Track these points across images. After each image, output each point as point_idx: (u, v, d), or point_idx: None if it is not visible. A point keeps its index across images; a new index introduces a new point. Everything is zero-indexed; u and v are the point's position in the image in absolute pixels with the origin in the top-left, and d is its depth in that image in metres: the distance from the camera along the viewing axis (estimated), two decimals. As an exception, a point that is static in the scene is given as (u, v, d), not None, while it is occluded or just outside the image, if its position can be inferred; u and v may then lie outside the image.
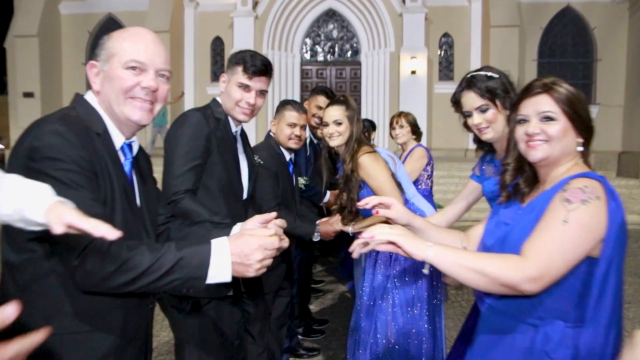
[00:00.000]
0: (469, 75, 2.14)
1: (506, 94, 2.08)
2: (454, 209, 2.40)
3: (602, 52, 14.75)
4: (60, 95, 15.94)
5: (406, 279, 2.66)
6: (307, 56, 16.23)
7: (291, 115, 3.05)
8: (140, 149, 1.61)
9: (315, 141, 4.32)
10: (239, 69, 2.22)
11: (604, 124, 14.84)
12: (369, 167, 2.68)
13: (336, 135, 2.76)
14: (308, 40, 16.16)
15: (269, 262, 1.37)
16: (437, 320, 2.71)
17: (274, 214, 1.61)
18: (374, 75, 15.43)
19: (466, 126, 2.23)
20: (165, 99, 1.54)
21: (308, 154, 3.99)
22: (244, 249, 1.33)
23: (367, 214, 2.77)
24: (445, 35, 15.45)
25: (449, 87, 15.30)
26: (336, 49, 16.17)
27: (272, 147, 3.04)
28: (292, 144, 3.05)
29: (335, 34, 16.07)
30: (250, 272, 1.35)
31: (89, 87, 1.51)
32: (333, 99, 2.91)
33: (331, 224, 2.90)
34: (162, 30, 15.08)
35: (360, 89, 15.68)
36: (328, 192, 3.88)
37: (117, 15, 16.07)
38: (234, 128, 2.31)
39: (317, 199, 3.86)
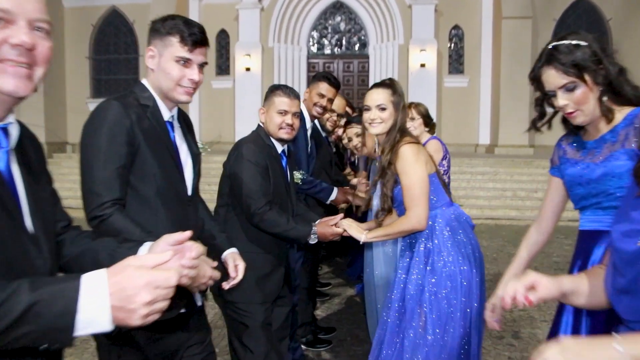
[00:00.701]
0: (550, 46, 1.75)
1: (598, 66, 1.68)
2: (546, 218, 2.06)
3: (617, 45, 14.32)
4: (63, 89, 15.70)
5: (443, 292, 2.32)
6: (314, 49, 15.95)
7: (281, 101, 2.70)
8: (26, 133, 1.23)
9: (323, 134, 4.02)
10: (174, 40, 1.85)
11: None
12: (408, 160, 2.36)
13: (378, 122, 2.45)
14: (315, 33, 15.87)
15: (161, 305, 0.99)
16: (474, 343, 2.37)
17: (187, 233, 1.29)
18: (382, 68, 15.11)
19: (541, 104, 1.85)
20: (49, 60, 1.14)
21: (310, 147, 3.69)
22: (125, 287, 0.94)
23: (402, 213, 2.47)
24: (456, 27, 15.14)
25: (459, 81, 15.06)
26: (344, 42, 15.87)
27: (261, 139, 2.72)
28: (284, 134, 2.69)
29: (342, 26, 15.77)
30: (135, 320, 0.96)
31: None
32: (377, 83, 2.59)
33: (330, 225, 2.60)
34: (166, 23, 14.85)
35: (368, 82, 15.32)
36: (335, 189, 3.57)
37: (121, 8, 15.81)
38: (167, 113, 1.92)
39: (322, 196, 3.55)
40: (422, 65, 14.31)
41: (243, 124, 13.54)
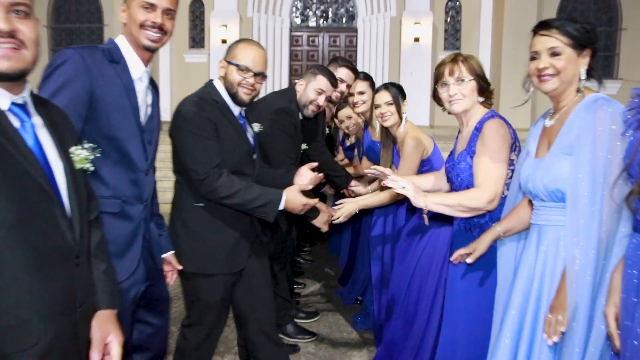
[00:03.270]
0: None
1: None
2: None
3: (628, 21, 13.44)
4: (19, 61, 14.28)
5: None
6: (298, 21, 14.79)
7: None
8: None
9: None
10: None
11: (626, 101, 13.55)
12: None
13: None
14: (298, 3, 14.70)
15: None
16: None
17: None
18: (372, 43, 14.09)
19: None
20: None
21: (151, 111, 2.21)
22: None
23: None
24: (452, -1, 14.05)
25: (457, 58, 13.90)
26: (330, 14, 14.74)
27: None
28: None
29: (329, -4, 14.62)
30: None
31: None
32: None
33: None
34: (133, -12, 13.47)
35: (356, 58, 14.30)
36: None
37: (83, -29, 14.34)
38: None
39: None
40: (416, 40, 13.35)
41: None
